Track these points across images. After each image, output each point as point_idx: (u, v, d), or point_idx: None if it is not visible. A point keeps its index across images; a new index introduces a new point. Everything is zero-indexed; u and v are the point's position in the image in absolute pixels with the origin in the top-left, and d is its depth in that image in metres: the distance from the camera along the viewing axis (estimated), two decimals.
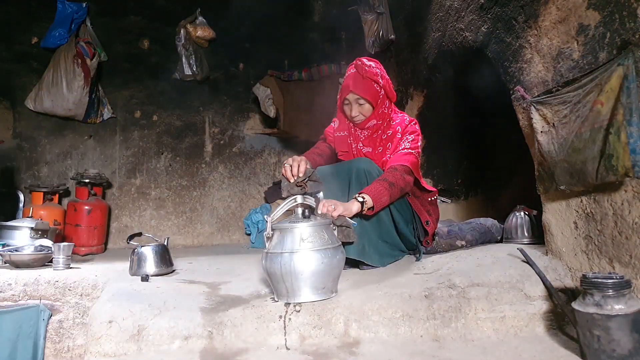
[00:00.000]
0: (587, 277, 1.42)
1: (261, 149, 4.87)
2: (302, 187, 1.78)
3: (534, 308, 1.71)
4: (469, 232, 2.42)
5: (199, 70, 4.53)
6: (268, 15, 4.81)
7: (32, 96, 4.00)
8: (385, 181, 1.95)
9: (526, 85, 1.97)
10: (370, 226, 2.03)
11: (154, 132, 4.57)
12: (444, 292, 1.72)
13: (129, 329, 1.57)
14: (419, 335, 1.64)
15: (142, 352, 1.55)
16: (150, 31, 4.55)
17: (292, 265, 1.59)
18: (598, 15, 1.62)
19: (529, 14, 1.92)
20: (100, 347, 1.55)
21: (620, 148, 1.50)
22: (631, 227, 1.55)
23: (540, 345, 1.57)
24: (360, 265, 2.07)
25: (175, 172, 4.60)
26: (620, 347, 1.34)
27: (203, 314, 1.63)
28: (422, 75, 3.27)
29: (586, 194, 1.75)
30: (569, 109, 1.71)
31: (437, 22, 2.87)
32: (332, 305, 1.65)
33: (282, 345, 1.58)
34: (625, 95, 1.48)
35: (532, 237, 2.42)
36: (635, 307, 1.35)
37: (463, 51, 2.62)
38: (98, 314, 1.62)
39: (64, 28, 4.02)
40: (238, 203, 4.73)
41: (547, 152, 1.84)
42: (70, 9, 4.06)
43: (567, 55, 1.76)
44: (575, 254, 1.82)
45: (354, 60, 2.20)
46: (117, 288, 1.89)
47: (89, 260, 3.02)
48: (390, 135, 2.18)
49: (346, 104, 2.21)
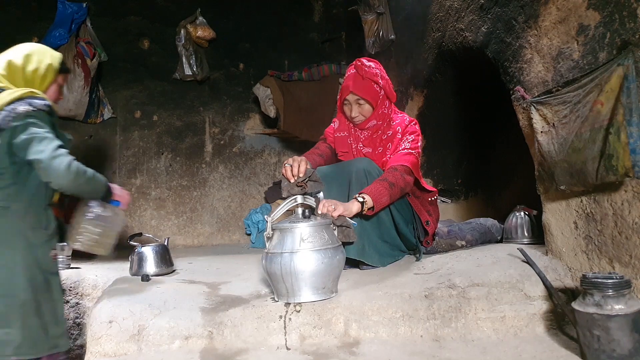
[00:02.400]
0: (587, 277, 1.42)
1: (261, 149, 4.87)
2: (303, 187, 1.78)
3: (534, 308, 1.71)
4: (469, 232, 2.42)
5: (199, 70, 4.53)
6: (268, 15, 4.81)
7: None
8: (385, 181, 1.95)
9: (526, 85, 1.97)
10: (370, 226, 2.03)
11: (154, 132, 4.57)
12: (444, 292, 1.72)
13: (129, 329, 1.57)
14: (419, 335, 1.64)
15: (142, 352, 1.55)
16: (150, 31, 4.55)
17: (292, 265, 1.59)
18: (598, 15, 1.62)
19: (529, 14, 1.92)
20: (101, 347, 1.55)
21: (620, 148, 1.50)
22: (631, 227, 1.55)
23: (540, 345, 1.57)
24: (360, 265, 2.07)
25: (175, 172, 4.60)
26: (620, 347, 1.34)
27: (203, 314, 1.63)
28: (422, 75, 3.27)
29: (586, 194, 1.75)
30: (569, 109, 1.71)
31: (437, 22, 2.87)
32: (332, 305, 1.65)
33: (282, 345, 1.58)
34: (625, 95, 1.48)
35: (532, 237, 2.42)
36: (635, 307, 1.35)
37: (463, 51, 2.62)
38: (98, 314, 1.62)
39: (64, 28, 4.02)
40: (238, 203, 4.73)
41: (547, 152, 1.84)
42: (70, 9, 4.06)
43: (567, 55, 1.76)
44: (575, 254, 1.82)
45: (354, 61, 2.20)
46: (117, 288, 1.89)
47: (89, 260, 3.02)
48: (390, 136, 2.18)
49: (346, 104, 2.21)
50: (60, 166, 1.59)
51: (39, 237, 1.71)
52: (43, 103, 1.69)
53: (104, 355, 1.55)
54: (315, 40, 5.05)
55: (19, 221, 1.67)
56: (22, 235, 1.66)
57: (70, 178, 1.61)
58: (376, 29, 3.67)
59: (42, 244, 1.71)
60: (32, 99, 1.68)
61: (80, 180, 1.64)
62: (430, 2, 2.94)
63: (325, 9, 5.08)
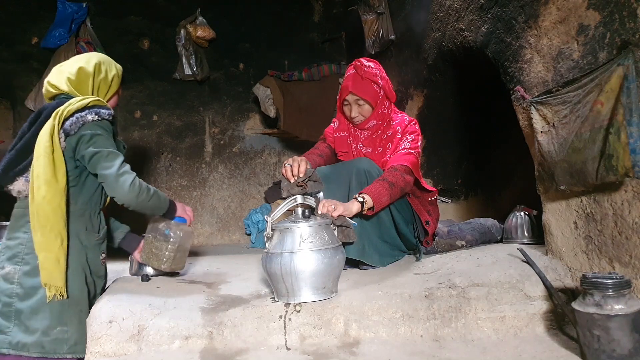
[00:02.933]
0: (587, 277, 1.42)
1: (261, 149, 4.87)
2: (303, 187, 1.78)
3: (534, 308, 1.71)
4: (469, 232, 2.42)
5: (199, 70, 4.53)
6: (268, 15, 4.82)
7: (33, 96, 4.00)
8: (385, 181, 1.95)
9: (526, 85, 1.97)
10: (370, 226, 2.03)
11: (154, 132, 4.57)
12: (444, 292, 1.72)
13: (129, 329, 1.57)
14: (419, 335, 1.64)
15: (142, 352, 1.55)
16: (150, 31, 4.55)
17: (292, 265, 1.59)
18: (598, 15, 1.62)
19: (529, 14, 1.92)
20: (100, 347, 1.55)
21: (620, 148, 1.50)
22: (631, 227, 1.55)
23: (540, 345, 1.57)
24: (360, 265, 2.07)
25: (175, 172, 4.60)
26: (620, 347, 1.34)
27: (203, 314, 1.63)
28: (422, 75, 3.27)
29: (586, 194, 1.75)
30: (569, 109, 1.71)
31: (437, 22, 2.87)
32: (332, 305, 1.65)
33: (282, 345, 1.58)
34: (625, 95, 1.48)
35: (532, 237, 2.42)
36: (635, 307, 1.35)
37: (463, 51, 2.62)
38: (98, 314, 1.62)
39: (64, 28, 4.03)
40: (238, 203, 4.73)
41: (547, 152, 1.84)
42: (70, 9, 4.06)
43: (567, 55, 1.76)
44: (575, 254, 1.82)
45: (354, 61, 2.20)
46: (117, 288, 1.89)
47: None
48: (390, 136, 2.18)
49: (345, 104, 2.21)
50: (125, 184, 1.68)
51: (91, 239, 1.80)
52: (108, 113, 1.78)
53: (104, 355, 1.54)
54: (315, 40, 5.05)
55: (75, 223, 1.75)
56: (76, 236, 1.75)
57: (134, 195, 1.70)
58: (376, 29, 3.67)
59: (93, 246, 1.81)
60: (99, 108, 1.76)
61: (142, 197, 1.73)
62: (430, 2, 2.94)
63: (325, 9, 5.08)
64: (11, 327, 1.63)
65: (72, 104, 1.71)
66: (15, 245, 1.70)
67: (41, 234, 1.62)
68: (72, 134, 1.70)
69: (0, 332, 1.63)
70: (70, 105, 1.71)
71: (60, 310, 1.66)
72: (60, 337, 1.64)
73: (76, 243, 1.74)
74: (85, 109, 1.72)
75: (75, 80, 1.83)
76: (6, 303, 1.65)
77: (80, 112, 1.71)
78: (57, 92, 1.84)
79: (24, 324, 1.63)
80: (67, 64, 1.88)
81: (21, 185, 1.72)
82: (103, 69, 1.90)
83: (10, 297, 1.65)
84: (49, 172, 1.63)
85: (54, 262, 1.62)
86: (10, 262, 1.68)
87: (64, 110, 1.69)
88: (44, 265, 1.62)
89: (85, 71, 1.85)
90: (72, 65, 1.86)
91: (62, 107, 1.70)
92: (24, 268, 1.66)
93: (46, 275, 1.62)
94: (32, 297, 1.65)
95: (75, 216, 1.74)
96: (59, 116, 1.68)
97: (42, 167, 1.62)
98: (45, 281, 1.62)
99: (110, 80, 1.92)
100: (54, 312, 1.65)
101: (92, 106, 1.74)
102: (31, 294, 1.65)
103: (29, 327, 1.63)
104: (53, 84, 1.84)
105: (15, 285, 1.65)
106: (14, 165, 1.72)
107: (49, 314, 1.64)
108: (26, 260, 1.67)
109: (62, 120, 1.68)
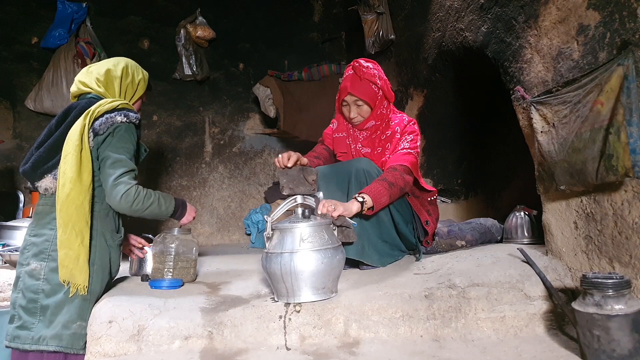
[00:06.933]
0: (587, 277, 1.42)
1: (261, 149, 4.87)
2: (311, 185, 1.79)
3: (534, 308, 1.71)
4: (469, 232, 2.42)
5: (199, 70, 4.53)
6: (268, 15, 4.82)
7: (32, 96, 3.99)
8: (384, 181, 1.95)
9: (526, 85, 1.97)
10: (370, 226, 2.03)
11: (154, 132, 4.57)
12: (444, 292, 1.72)
13: (129, 329, 1.57)
14: (419, 335, 1.64)
15: (142, 352, 1.55)
16: (150, 31, 4.55)
17: (292, 265, 1.59)
18: (598, 15, 1.62)
19: (529, 14, 1.92)
20: (100, 347, 1.55)
21: (620, 148, 1.50)
22: (631, 227, 1.55)
23: (540, 345, 1.57)
24: (360, 265, 2.07)
25: (175, 172, 4.60)
26: (620, 347, 1.34)
27: (203, 314, 1.63)
28: (422, 75, 3.27)
29: (586, 194, 1.75)
30: (569, 109, 1.71)
31: (437, 22, 2.87)
32: (332, 305, 1.65)
33: (282, 345, 1.58)
34: (625, 95, 1.48)
35: (532, 237, 2.42)
36: (635, 307, 1.35)
37: (463, 51, 2.62)
38: (98, 314, 1.62)
39: (64, 28, 4.02)
40: (238, 203, 4.73)
41: (547, 152, 1.84)
42: (70, 9, 4.06)
43: (567, 55, 1.76)
44: (575, 254, 1.82)
45: (352, 62, 2.20)
46: (117, 288, 1.89)
47: None
48: (389, 136, 2.18)
49: (344, 105, 2.21)
50: (118, 195, 1.69)
51: (115, 239, 1.83)
52: (135, 116, 1.81)
53: (104, 355, 1.54)
54: (315, 40, 5.06)
55: (100, 222, 1.78)
56: (102, 235, 1.78)
57: (126, 205, 1.72)
58: (376, 29, 3.67)
59: (115, 246, 1.84)
60: (128, 111, 1.79)
61: (137, 207, 1.73)
62: (430, 2, 2.94)
63: (325, 9, 5.08)
64: (36, 323, 1.65)
65: (103, 104, 1.75)
66: (41, 242, 1.71)
67: (63, 231, 1.64)
68: (100, 134, 1.73)
69: (25, 328, 1.65)
70: (101, 105, 1.74)
71: (81, 306, 1.68)
72: (79, 333, 1.66)
73: (102, 242, 1.76)
74: (115, 111, 1.75)
75: (103, 81, 1.88)
76: (31, 299, 1.67)
77: (110, 113, 1.74)
78: (87, 90, 1.88)
79: (48, 319, 1.65)
80: (96, 65, 1.93)
81: (49, 183, 1.74)
82: (130, 72, 1.95)
83: (36, 294, 1.67)
84: (75, 171, 1.65)
85: (73, 259, 1.64)
86: (36, 258, 1.69)
87: (94, 110, 1.72)
88: (63, 263, 1.63)
89: (113, 74, 1.89)
90: (101, 67, 1.91)
91: (93, 107, 1.73)
92: (51, 264, 1.68)
93: (65, 273, 1.64)
94: (58, 294, 1.67)
95: (101, 216, 1.77)
96: (90, 116, 1.71)
97: (69, 165, 1.64)
98: (64, 278, 1.64)
99: (137, 84, 1.98)
100: (76, 307, 1.67)
101: (121, 108, 1.77)
102: (58, 290, 1.67)
103: (52, 321, 1.65)
104: (83, 82, 1.88)
105: (42, 281, 1.67)
106: (43, 163, 1.75)
107: (71, 308, 1.67)
108: (53, 257, 1.68)
109: (93, 120, 1.71)
